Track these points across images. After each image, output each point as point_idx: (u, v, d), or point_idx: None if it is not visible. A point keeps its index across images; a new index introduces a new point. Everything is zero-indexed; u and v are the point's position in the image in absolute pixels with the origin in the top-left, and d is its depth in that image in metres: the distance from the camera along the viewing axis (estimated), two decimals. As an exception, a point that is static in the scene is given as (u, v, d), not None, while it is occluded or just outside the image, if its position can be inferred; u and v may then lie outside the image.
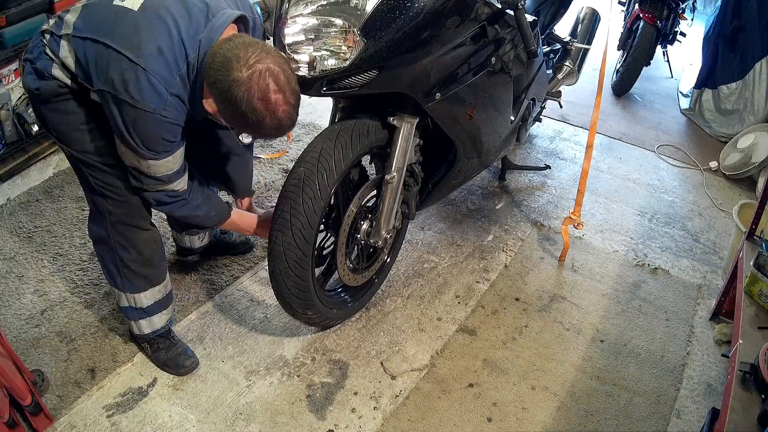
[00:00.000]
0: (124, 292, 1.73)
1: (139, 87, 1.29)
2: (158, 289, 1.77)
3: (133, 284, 1.72)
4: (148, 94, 1.30)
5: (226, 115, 1.38)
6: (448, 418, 1.79)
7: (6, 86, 2.51)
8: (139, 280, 1.72)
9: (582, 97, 3.72)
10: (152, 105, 1.32)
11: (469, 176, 2.20)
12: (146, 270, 1.72)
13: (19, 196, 2.50)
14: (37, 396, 1.63)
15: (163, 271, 1.78)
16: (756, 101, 3.28)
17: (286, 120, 1.37)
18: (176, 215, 1.61)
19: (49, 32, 1.42)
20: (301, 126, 3.21)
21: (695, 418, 1.86)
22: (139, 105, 1.30)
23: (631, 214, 2.80)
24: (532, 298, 2.26)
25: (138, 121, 1.33)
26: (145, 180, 1.46)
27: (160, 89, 1.31)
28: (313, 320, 1.89)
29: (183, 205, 1.56)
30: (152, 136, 1.37)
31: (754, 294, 1.81)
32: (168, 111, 1.35)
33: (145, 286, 1.74)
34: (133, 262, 1.68)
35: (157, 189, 1.49)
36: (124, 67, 1.29)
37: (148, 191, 1.50)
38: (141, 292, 1.73)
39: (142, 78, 1.29)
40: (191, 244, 2.17)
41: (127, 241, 1.65)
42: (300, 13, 1.56)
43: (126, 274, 1.70)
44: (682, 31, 4.00)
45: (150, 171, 1.44)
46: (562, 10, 2.72)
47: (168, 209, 1.58)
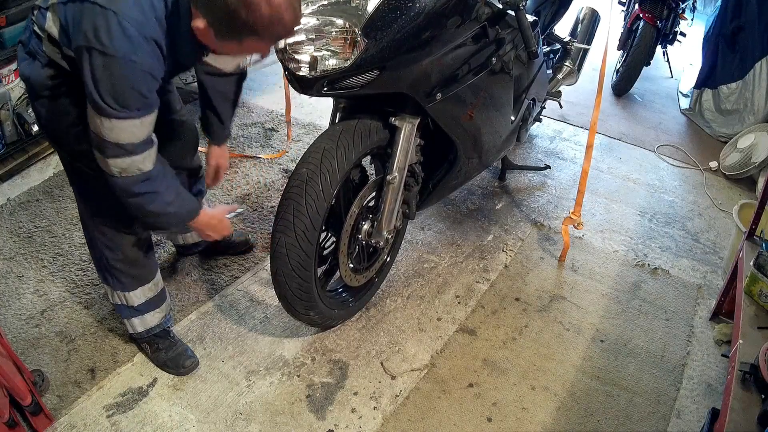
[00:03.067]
0: (115, 290, 1.74)
1: (110, 32, 1.20)
2: (148, 288, 1.77)
3: (122, 283, 1.72)
4: (118, 37, 1.21)
5: (217, 24, 1.26)
6: (448, 418, 1.79)
7: (6, 86, 2.51)
8: (128, 279, 1.72)
9: (582, 97, 3.72)
10: (122, 50, 1.21)
11: (469, 176, 2.20)
12: (133, 269, 1.72)
13: (19, 196, 2.50)
14: (37, 396, 1.63)
15: (151, 270, 1.77)
16: (756, 101, 3.28)
17: (285, 4, 1.23)
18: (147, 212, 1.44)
19: (37, 7, 1.38)
20: (301, 126, 3.21)
21: (695, 418, 1.86)
22: (109, 51, 1.21)
23: (631, 214, 2.80)
24: (532, 298, 2.26)
25: (106, 69, 1.22)
26: (107, 149, 1.30)
27: (130, 32, 1.22)
28: (315, 321, 1.89)
29: (154, 199, 1.41)
30: (121, 87, 1.24)
31: (754, 294, 1.81)
32: (139, 56, 1.24)
33: (134, 284, 1.74)
34: (118, 261, 1.68)
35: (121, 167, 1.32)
36: (96, 14, 1.21)
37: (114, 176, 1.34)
38: (131, 290, 1.74)
39: (113, 22, 1.20)
40: (184, 240, 2.17)
41: (111, 242, 1.65)
42: (300, 13, 1.56)
43: (114, 273, 1.70)
44: (682, 31, 4.00)
45: (112, 135, 1.28)
46: (562, 10, 2.72)
47: (138, 203, 1.41)
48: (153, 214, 1.45)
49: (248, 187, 2.72)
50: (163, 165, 1.42)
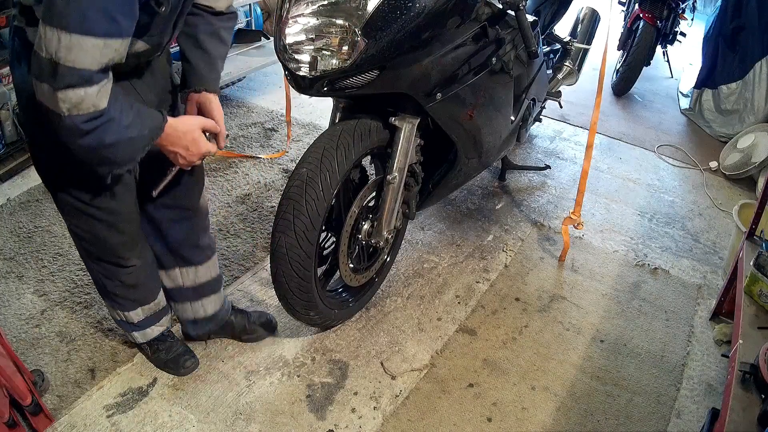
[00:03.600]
0: (113, 309, 1.70)
1: None
2: (149, 308, 1.72)
3: (121, 305, 1.67)
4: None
5: None
6: (448, 418, 1.79)
7: (6, 86, 2.51)
8: (127, 302, 1.66)
9: (582, 97, 3.72)
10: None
11: (469, 176, 2.20)
12: (133, 294, 1.65)
13: (19, 196, 2.50)
14: (37, 396, 1.63)
15: (152, 290, 1.70)
16: (756, 101, 3.28)
17: None
18: (104, 147, 1.16)
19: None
20: (301, 126, 3.21)
21: (695, 418, 1.86)
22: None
23: (631, 214, 2.80)
24: (532, 298, 2.26)
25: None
26: (60, 76, 1.05)
27: None
28: (315, 321, 1.89)
29: (109, 127, 1.13)
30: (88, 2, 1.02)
31: (754, 294, 1.81)
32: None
33: (134, 306, 1.68)
34: (117, 288, 1.62)
35: (72, 101, 1.07)
36: None
37: (61, 113, 1.08)
38: (131, 310, 1.68)
39: None
40: (194, 314, 1.86)
41: (108, 273, 1.58)
42: (301, 13, 1.56)
43: (112, 297, 1.65)
44: (682, 31, 4.01)
45: (69, 56, 1.04)
46: (562, 10, 2.72)
47: (92, 142, 1.13)
48: (110, 147, 1.16)
49: (248, 187, 2.72)
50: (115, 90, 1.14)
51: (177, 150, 1.32)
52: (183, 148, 1.32)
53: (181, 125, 1.30)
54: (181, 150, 1.32)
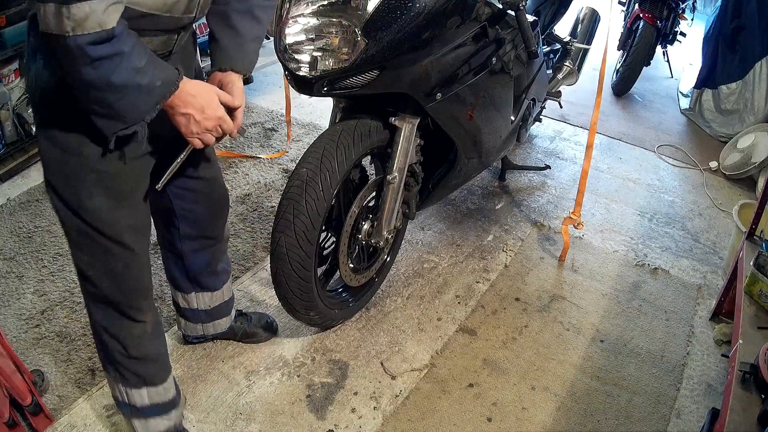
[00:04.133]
0: (115, 382, 1.45)
1: None
2: (156, 392, 1.48)
3: (123, 377, 1.43)
4: None
5: None
6: (448, 418, 1.79)
7: (6, 86, 2.51)
8: (131, 375, 1.43)
9: (582, 97, 3.72)
10: None
11: (469, 176, 2.20)
12: (138, 367, 1.43)
13: (19, 196, 2.50)
14: (37, 396, 1.63)
15: (161, 371, 1.49)
16: (756, 101, 3.28)
17: None
18: (109, 88, 1.02)
19: None
20: (301, 126, 3.21)
21: (695, 418, 1.86)
22: None
23: (631, 214, 2.80)
24: (532, 298, 2.26)
25: None
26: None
27: None
28: (315, 321, 1.89)
29: (119, 64, 1.01)
30: None
31: (754, 294, 1.81)
32: None
33: (139, 384, 1.45)
34: (119, 354, 1.40)
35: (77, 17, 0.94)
36: None
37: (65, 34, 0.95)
38: (134, 388, 1.45)
39: None
40: (204, 331, 1.84)
41: (112, 327, 1.37)
42: (301, 13, 1.56)
43: (116, 365, 1.42)
44: (682, 31, 4.00)
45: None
46: (562, 10, 2.72)
47: (97, 77, 1.00)
48: (117, 91, 1.03)
49: (248, 187, 2.72)
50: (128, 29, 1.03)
51: (190, 112, 1.15)
52: (197, 110, 1.16)
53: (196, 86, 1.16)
54: (195, 112, 1.16)
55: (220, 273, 1.72)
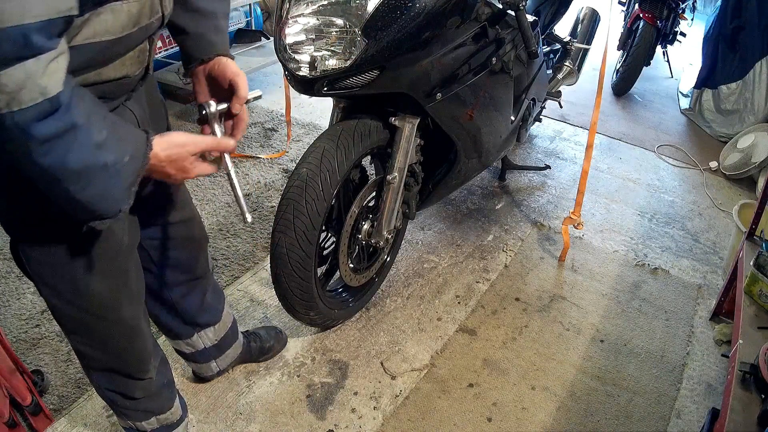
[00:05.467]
0: (123, 420, 1.43)
1: None
2: (165, 417, 1.46)
3: (132, 417, 1.41)
4: None
5: None
6: (448, 418, 1.79)
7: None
8: (139, 414, 1.41)
9: (582, 97, 3.72)
10: None
11: (469, 176, 2.20)
12: (148, 405, 1.40)
13: (19, 195, 2.50)
14: (37, 396, 1.63)
15: (169, 399, 1.46)
16: (756, 101, 3.28)
17: None
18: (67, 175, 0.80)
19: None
20: (301, 126, 3.21)
21: (695, 418, 1.86)
22: None
23: (631, 214, 2.80)
24: (532, 298, 2.26)
25: None
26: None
27: None
28: (315, 321, 1.89)
29: (73, 139, 0.78)
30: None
31: (754, 294, 1.81)
32: None
33: (148, 416, 1.43)
34: (126, 404, 1.37)
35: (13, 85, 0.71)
36: None
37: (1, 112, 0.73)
38: (143, 420, 1.42)
39: None
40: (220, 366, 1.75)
41: (118, 388, 1.32)
42: (301, 13, 1.56)
43: (122, 412, 1.39)
44: (682, 31, 4.01)
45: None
46: (562, 10, 2.72)
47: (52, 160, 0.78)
48: (77, 177, 0.81)
49: (248, 187, 2.72)
50: (78, 88, 0.80)
51: (170, 173, 0.99)
52: (178, 170, 0.99)
53: (165, 149, 0.94)
54: (176, 172, 0.99)
55: (215, 302, 1.59)
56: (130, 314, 1.21)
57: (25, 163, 0.79)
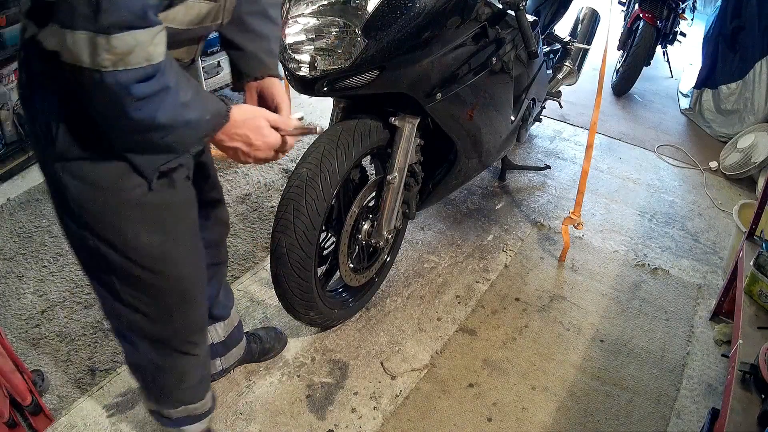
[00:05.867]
0: (149, 401, 1.43)
1: None
2: (194, 407, 1.46)
3: (163, 402, 1.41)
4: None
5: None
6: (448, 418, 1.79)
7: (6, 86, 2.51)
8: (173, 401, 1.41)
9: (582, 97, 3.72)
10: None
11: (469, 176, 2.20)
12: (183, 395, 1.40)
13: (19, 196, 2.50)
14: (37, 396, 1.63)
15: (204, 390, 1.46)
16: (756, 101, 3.28)
17: None
18: (156, 127, 0.92)
19: None
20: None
21: (695, 418, 1.86)
22: None
23: (631, 214, 2.80)
24: (532, 298, 2.26)
25: None
26: (104, 12, 0.80)
27: None
28: (315, 321, 1.89)
29: (164, 98, 0.90)
30: None
31: (754, 294, 1.81)
32: None
33: (178, 405, 1.42)
34: (170, 387, 1.36)
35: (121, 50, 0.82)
36: None
37: (103, 70, 0.83)
38: (172, 408, 1.42)
39: None
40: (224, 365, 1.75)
41: (164, 363, 1.30)
42: (301, 13, 1.56)
43: (156, 392, 1.39)
44: (682, 31, 4.01)
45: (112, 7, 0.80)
46: (562, 10, 2.72)
47: (143, 116, 0.90)
48: (162, 129, 0.93)
49: (248, 187, 2.72)
50: (169, 57, 0.92)
51: (237, 145, 1.08)
52: (245, 143, 1.08)
53: (244, 114, 1.07)
54: (242, 145, 1.08)
55: (226, 298, 1.63)
56: (188, 272, 1.20)
57: (114, 116, 0.90)
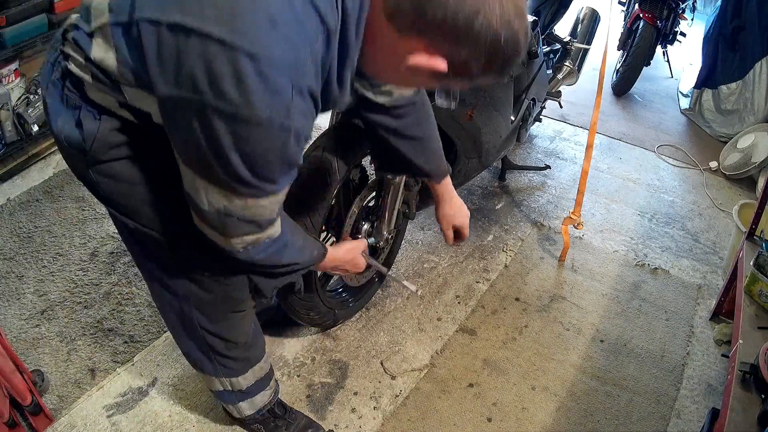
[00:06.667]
0: (218, 377, 1.42)
1: (243, 84, 0.77)
2: (260, 367, 1.47)
3: (229, 369, 1.40)
4: (258, 94, 0.78)
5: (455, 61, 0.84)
6: (448, 418, 1.79)
7: (6, 86, 2.51)
8: (237, 364, 1.41)
9: (582, 97, 3.72)
10: (267, 111, 0.79)
11: (469, 176, 2.20)
12: (245, 353, 1.41)
13: (19, 196, 2.50)
14: (37, 396, 1.63)
15: (262, 345, 1.48)
16: (756, 101, 3.28)
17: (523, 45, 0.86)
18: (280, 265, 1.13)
19: (73, 26, 0.94)
20: (301, 126, 3.21)
21: (695, 418, 1.86)
22: (243, 112, 0.78)
23: (631, 214, 2.80)
24: (532, 298, 2.26)
25: (241, 139, 0.81)
26: (235, 228, 0.95)
27: (279, 85, 0.79)
28: (315, 321, 1.89)
29: (284, 250, 1.09)
30: (264, 160, 0.85)
31: (754, 294, 1.81)
32: (294, 118, 0.82)
33: (245, 368, 1.43)
34: (228, 350, 1.36)
35: (248, 242, 1.00)
36: (213, 54, 0.76)
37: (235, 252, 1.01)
38: (241, 375, 1.43)
39: (247, 68, 0.76)
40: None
41: (218, 327, 1.30)
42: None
43: (219, 361, 1.38)
44: (682, 31, 4.00)
45: (246, 213, 0.93)
46: (562, 10, 2.72)
47: (265, 263, 1.08)
48: (282, 266, 1.14)
49: (248, 187, 2.72)
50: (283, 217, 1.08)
51: (336, 272, 1.50)
52: (342, 271, 1.47)
53: (336, 254, 1.38)
54: (340, 272, 1.48)
55: None
56: None
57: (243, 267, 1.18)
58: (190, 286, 1.21)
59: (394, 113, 1.30)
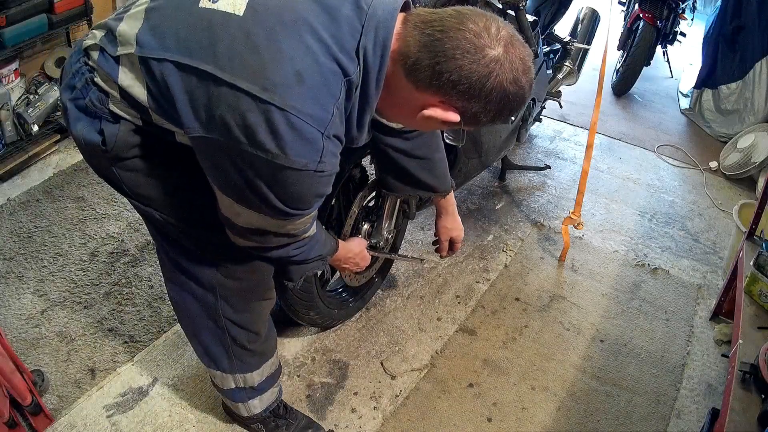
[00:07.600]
0: (232, 374, 1.43)
1: (278, 136, 0.86)
2: (272, 362, 1.50)
3: (245, 364, 1.42)
4: (293, 145, 0.87)
5: (467, 114, 0.95)
6: (448, 418, 1.79)
7: (6, 86, 2.51)
8: (254, 358, 1.43)
9: (582, 97, 3.72)
10: (302, 160, 0.89)
11: (469, 176, 2.20)
12: (262, 345, 1.43)
13: (19, 196, 2.50)
14: (37, 396, 1.63)
15: (275, 338, 1.51)
16: (756, 101, 3.28)
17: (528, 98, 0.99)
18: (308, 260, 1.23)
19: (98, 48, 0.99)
20: (301, 126, 3.21)
21: (695, 418, 1.86)
22: (280, 160, 0.88)
23: (631, 214, 2.80)
24: (532, 298, 2.26)
25: (277, 182, 0.91)
26: (270, 239, 1.07)
27: (310, 135, 0.88)
28: (315, 321, 1.89)
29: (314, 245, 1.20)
30: (297, 197, 0.96)
31: (754, 294, 1.81)
32: (325, 163, 0.92)
33: (259, 362, 1.45)
34: (249, 342, 1.37)
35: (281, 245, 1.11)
36: (245, 107, 0.85)
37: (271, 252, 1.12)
38: (254, 370, 1.45)
39: (280, 122, 0.85)
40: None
41: (242, 317, 1.33)
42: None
43: (238, 354, 1.39)
44: (682, 31, 4.00)
45: (282, 230, 1.05)
46: (562, 10, 2.72)
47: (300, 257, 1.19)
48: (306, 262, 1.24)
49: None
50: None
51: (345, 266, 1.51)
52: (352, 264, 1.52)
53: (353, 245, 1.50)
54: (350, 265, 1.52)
55: None
56: None
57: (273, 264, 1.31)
58: (217, 275, 1.24)
59: (406, 136, 1.40)
